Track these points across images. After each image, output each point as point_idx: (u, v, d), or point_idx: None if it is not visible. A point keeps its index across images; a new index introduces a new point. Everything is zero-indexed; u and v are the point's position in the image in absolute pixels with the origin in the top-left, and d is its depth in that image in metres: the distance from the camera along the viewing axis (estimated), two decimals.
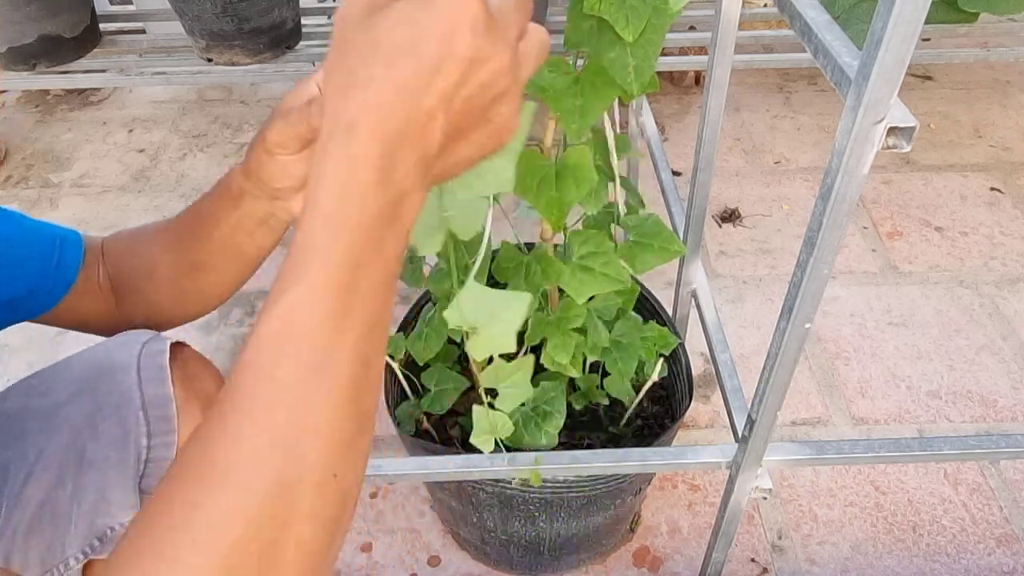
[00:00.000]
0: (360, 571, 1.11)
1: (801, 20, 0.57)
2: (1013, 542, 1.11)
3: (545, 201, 0.71)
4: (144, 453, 0.60)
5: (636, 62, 0.62)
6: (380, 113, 0.33)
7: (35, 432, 0.60)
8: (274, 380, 0.34)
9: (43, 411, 0.61)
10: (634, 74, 0.62)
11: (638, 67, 0.62)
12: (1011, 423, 1.27)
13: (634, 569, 1.10)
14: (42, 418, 0.61)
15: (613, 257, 0.78)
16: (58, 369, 0.65)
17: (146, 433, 0.60)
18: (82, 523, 0.58)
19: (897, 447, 0.81)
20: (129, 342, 0.64)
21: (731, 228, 1.67)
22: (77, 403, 0.61)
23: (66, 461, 0.59)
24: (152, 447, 0.61)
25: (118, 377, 0.62)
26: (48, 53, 1.49)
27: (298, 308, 0.34)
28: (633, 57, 0.62)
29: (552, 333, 0.84)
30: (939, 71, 2.12)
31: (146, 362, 0.63)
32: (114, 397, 0.61)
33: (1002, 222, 1.65)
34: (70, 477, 0.59)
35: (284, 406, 0.34)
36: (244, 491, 0.33)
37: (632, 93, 0.63)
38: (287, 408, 0.34)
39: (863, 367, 1.36)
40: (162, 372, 0.62)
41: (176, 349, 0.66)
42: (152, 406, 0.61)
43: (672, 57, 1.67)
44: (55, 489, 0.59)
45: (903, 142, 0.51)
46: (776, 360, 0.68)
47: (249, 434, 0.33)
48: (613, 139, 0.78)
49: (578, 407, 0.97)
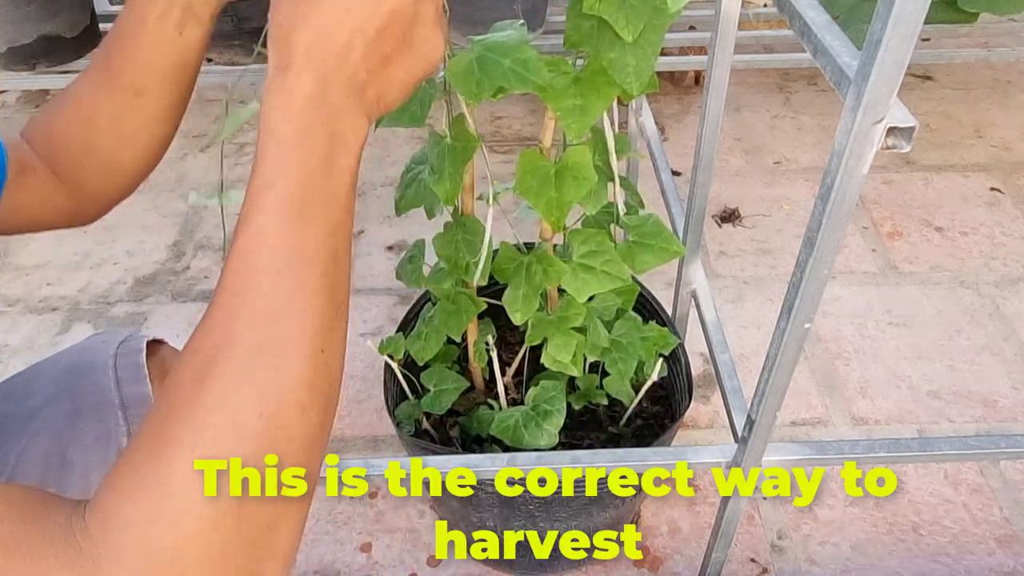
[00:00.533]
0: (360, 571, 1.11)
1: (800, 20, 0.57)
2: (1014, 542, 1.11)
3: (545, 201, 0.71)
4: None
5: (636, 62, 0.62)
6: (307, 53, 0.41)
7: (14, 435, 0.60)
8: (255, 270, 0.39)
9: (22, 414, 0.61)
10: (634, 74, 0.62)
11: (637, 67, 0.62)
12: (1012, 423, 1.26)
13: (634, 569, 1.10)
14: (21, 421, 0.60)
15: (614, 255, 0.78)
16: (36, 372, 0.64)
17: (126, 433, 0.60)
18: None
19: (897, 447, 0.81)
20: (106, 341, 0.64)
21: (731, 228, 1.67)
22: (56, 405, 0.61)
23: (47, 464, 0.59)
24: None
25: (96, 377, 0.61)
26: (48, 53, 1.48)
27: (265, 218, 0.40)
28: (633, 57, 0.62)
29: (553, 333, 0.84)
30: (939, 71, 2.12)
31: (123, 361, 0.62)
32: (93, 398, 0.61)
33: (1003, 222, 1.65)
34: (52, 480, 0.59)
35: (269, 291, 0.39)
36: (247, 360, 0.38)
37: (632, 93, 0.63)
38: (271, 293, 0.39)
39: (863, 367, 1.36)
40: (140, 371, 0.62)
41: (154, 347, 0.65)
42: (131, 405, 0.61)
43: (672, 57, 1.66)
44: None
45: (903, 142, 0.51)
46: (776, 360, 0.68)
47: (246, 314, 0.39)
48: (612, 139, 0.78)
49: (577, 407, 0.97)
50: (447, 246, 0.82)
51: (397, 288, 1.53)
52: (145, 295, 1.56)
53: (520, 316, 0.79)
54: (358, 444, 1.27)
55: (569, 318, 0.83)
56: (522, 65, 0.61)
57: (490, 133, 1.98)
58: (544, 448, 0.85)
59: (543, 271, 0.78)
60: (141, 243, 1.69)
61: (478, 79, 0.61)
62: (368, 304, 1.51)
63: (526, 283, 0.79)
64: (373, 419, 1.30)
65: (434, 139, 0.75)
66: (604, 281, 0.78)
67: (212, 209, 1.78)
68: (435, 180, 0.73)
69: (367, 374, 1.36)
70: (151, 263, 1.64)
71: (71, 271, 1.64)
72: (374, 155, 1.88)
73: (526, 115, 2.05)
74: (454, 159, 0.72)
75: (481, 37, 0.64)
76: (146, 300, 1.54)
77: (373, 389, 1.34)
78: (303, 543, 1.14)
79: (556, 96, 0.65)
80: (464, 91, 0.62)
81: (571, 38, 0.64)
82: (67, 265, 1.65)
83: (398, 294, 1.52)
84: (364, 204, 1.75)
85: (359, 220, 1.70)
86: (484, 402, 0.96)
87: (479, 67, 0.62)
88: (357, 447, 1.27)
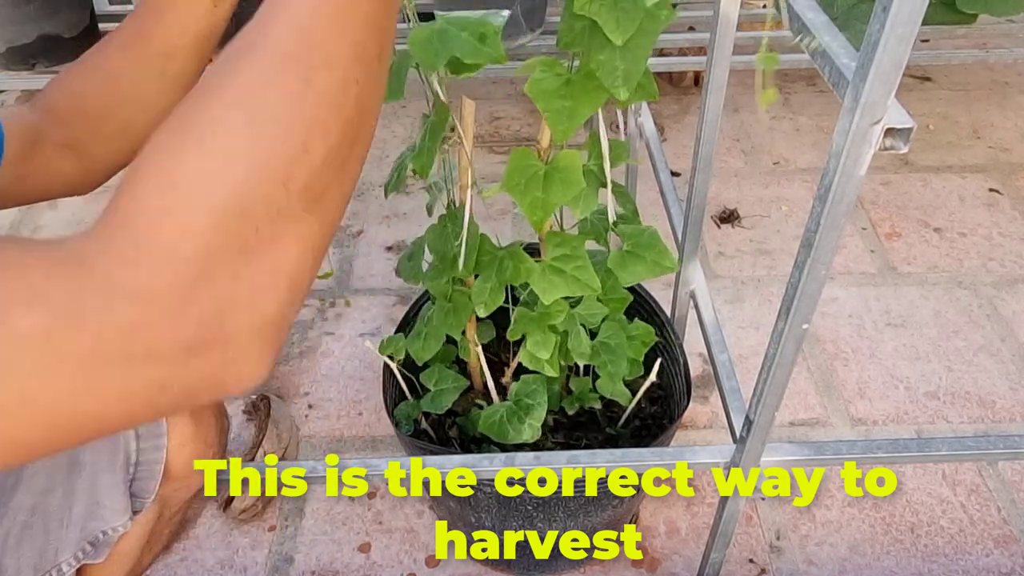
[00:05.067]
0: (358, 571, 1.11)
1: (799, 21, 0.57)
2: (1011, 543, 1.11)
3: (529, 201, 0.71)
4: (134, 456, 0.60)
5: (625, 66, 0.61)
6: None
7: None
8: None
9: None
10: (622, 78, 0.61)
11: (627, 71, 0.61)
12: (1009, 424, 1.27)
13: (632, 569, 1.10)
14: None
15: (586, 262, 0.78)
16: None
17: (135, 436, 0.60)
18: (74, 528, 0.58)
19: (895, 448, 0.81)
20: None
21: (730, 229, 1.67)
22: None
23: (56, 466, 0.59)
24: (141, 450, 0.61)
25: None
26: (48, 53, 1.49)
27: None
28: (622, 61, 0.61)
29: (532, 330, 0.84)
30: (938, 72, 2.12)
31: None
32: None
33: (1000, 223, 1.66)
34: (60, 482, 0.59)
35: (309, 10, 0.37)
36: (274, 62, 0.36)
37: (620, 98, 0.62)
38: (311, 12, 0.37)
39: (861, 368, 1.36)
40: None
41: None
42: None
43: (671, 58, 1.67)
44: (46, 495, 0.58)
45: (900, 143, 0.51)
46: (774, 361, 0.68)
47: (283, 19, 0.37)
48: (607, 144, 0.78)
49: (571, 411, 0.97)
50: (438, 239, 0.83)
51: (396, 288, 1.53)
52: None
53: (484, 309, 0.80)
54: (357, 444, 1.27)
55: (550, 314, 0.83)
56: (479, 38, 0.62)
57: (489, 133, 1.98)
58: (527, 442, 0.85)
59: (513, 267, 0.79)
60: None
61: (436, 48, 0.62)
62: (367, 304, 1.51)
63: (496, 276, 0.80)
64: (372, 419, 1.30)
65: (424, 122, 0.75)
66: (572, 286, 0.78)
67: None
68: (413, 155, 0.73)
69: (366, 374, 1.36)
70: None
71: None
72: (373, 155, 1.88)
73: (525, 115, 2.05)
74: (433, 133, 0.72)
75: (454, 14, 0.64)
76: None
77: (372, 389, 1.34)
78: (302, 543, 1.14)
79: (546, 96, 0.64)
80: (421, 59, 0.63)
81: (564, 38, 0.64)
82: None
83: (397, 294, 1.52)
84: (363, 204, 1.75)
85: (358, 220, 1.70)
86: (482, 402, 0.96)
87: (438, 38, 0.63)
88: (356, 447, 1.27)
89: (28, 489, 0.58)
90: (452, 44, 0.62)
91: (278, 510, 1.18)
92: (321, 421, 1.31)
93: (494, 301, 0.79)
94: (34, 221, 1.78)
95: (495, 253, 0.80)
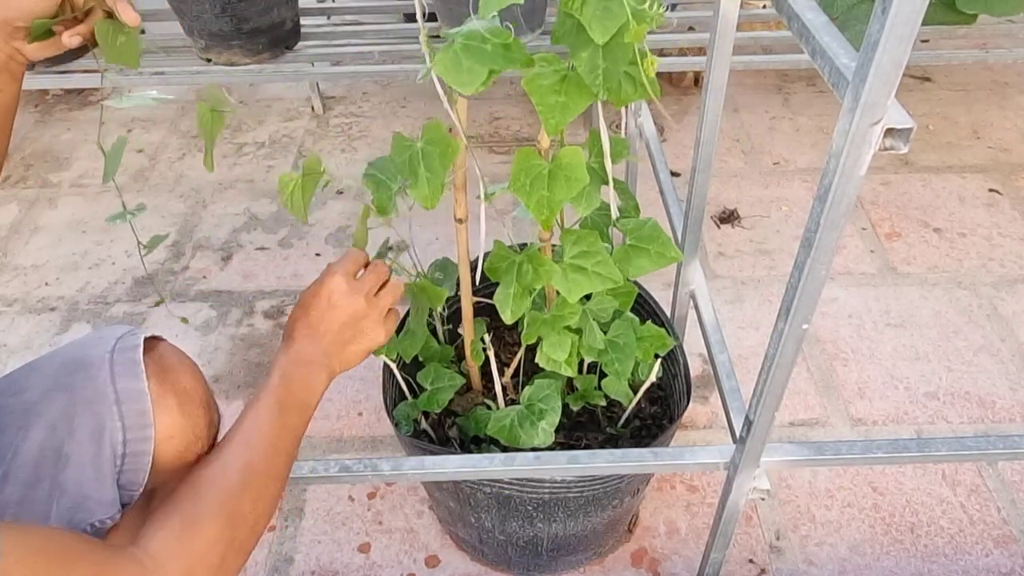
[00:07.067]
0: (358, 571, 1.11)
1: (799, 21, 0.57)
2: (1011, 543, 1.11)
3: (536, 200, 0.71)
4: (120, 448, 0.61)
5: (606, 65, 0.61)
6: (301, 333, 0.74)
7: (10, 431, 0.60)
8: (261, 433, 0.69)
9: (18, 410, 0.61)
10: (602, 77, 0.61)
11: (607, 71, 0.61)
12: (1009, 424, 1.27)
13: (632, 569, 1.10)
14: (17, 416, 0.61)
15: (605, 257, 0.78)
16: (33, 367, 0.65)
17: (121, 428, 0.61)
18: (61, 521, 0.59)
19: (895, 448, 0.81)
20: (103, 338, 0.65)
21: (730, 229, 1.67)
22: (52, 400, 0.61)
23: (43, 459, 0.59)
24: (128, 441, 0.61)
25: (91, 373, 0.62)
26: None
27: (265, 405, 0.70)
28: (604, 60, 0.61)
29: (547, 332, 0.84)
30: (938, 72, 2.12)
31: (119, 357, 0.63)
32: (88, 393, 0.61)
33: (1000, 223, 1.66)
34: (47, 475, 0.59)
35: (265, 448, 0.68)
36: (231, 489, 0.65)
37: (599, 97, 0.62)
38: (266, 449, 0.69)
39: (861, 368, 1.37)
40: (136, 367, 0.62)
41: (151, 343, 0.66)
42: (126, 401, 0.61)
43: (671, 58, 1.66)
44: (33, 487, 0.59)
45: (900, 143, 0.51)
46: (774, 361, 0.68)
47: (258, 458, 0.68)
48: (607, 141, 0.78)
49: (576, 408, 0.97)
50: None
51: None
52: (143, 295, 1.56)
53: (511, 315, 0.79)
54: (357, 444, 1.27)
55: (564, 317, 0.83)
56: (503, 47, 0.61)
57: (489, 134, 1.98)
58: (540, 447, 0.85)
59: (534, 271, 0.78)
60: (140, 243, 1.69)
61: (467, 67, 0.61)
62: None
63: (517, 282, 0.79)
64: (372, 420, 1.30)
65: (400, 144, 0.73)
66: (595, 282, 0.78)
67: (211, 209, 1.78)
68: (411, 185, 0.72)
69: (366, 375, 1.36)
70: (150, 263, 1.64)
71: (69, 271, 1.64)
72: (375, 152, 1.88)
73: (525, 116, 2.05)
74: (429, 163, 0.71)
75: (455, 30, 0.64)
76: (144, 300, 1.54)
77: (372, 390, 1.34)
78: (302, 543, 1.14)
79: (542, 92, 0.64)
80: (456, 82, 0.61)
81: (556, 33, 0.64)
82: (65, 265, 1.65)
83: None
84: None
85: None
86: (482, 402, 0.96)
87: (465, 55, 0.61)
88: (356, 447, 1.27)
89: (15, 482, 0.59)
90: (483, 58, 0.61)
91: (278, 510, 1.18)
92: (321, 421, 1.31)
93: (519, 307, 0.79)
94: (34, 221, 1.78)
95: (512, 258, 0.80)
